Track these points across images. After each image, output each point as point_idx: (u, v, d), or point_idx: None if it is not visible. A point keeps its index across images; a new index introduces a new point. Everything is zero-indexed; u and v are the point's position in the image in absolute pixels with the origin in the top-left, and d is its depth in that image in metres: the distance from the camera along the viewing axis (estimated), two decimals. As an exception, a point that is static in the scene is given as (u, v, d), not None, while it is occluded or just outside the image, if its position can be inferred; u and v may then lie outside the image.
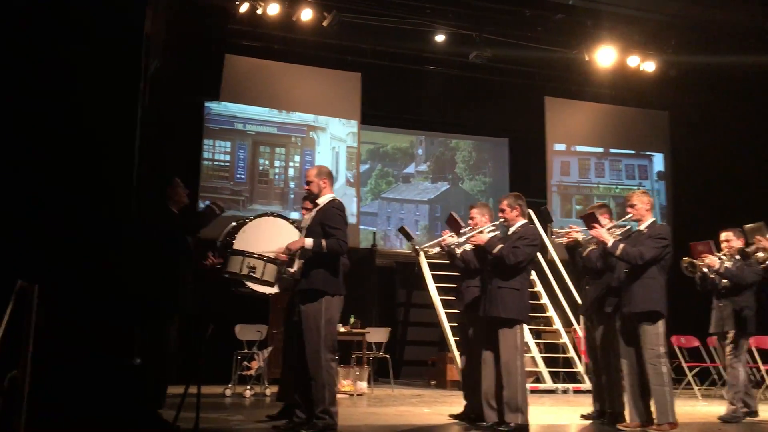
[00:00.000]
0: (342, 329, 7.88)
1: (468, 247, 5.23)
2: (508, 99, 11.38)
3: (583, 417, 5.58)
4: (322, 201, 4.70)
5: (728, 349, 5.82)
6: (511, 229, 5.00)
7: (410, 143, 11.80)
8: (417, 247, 5.60)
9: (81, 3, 4.16)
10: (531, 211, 5.98)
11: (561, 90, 11.50)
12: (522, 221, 5.02)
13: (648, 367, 4.73)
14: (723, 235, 5.88)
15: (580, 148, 11.70)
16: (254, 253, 4.47)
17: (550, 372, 8.75)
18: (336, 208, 4.64)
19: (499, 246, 4.83)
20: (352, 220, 10.30)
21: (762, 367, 7.81)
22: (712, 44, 9.78)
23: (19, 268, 3.35)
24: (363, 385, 7.57)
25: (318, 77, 10.42)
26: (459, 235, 5.15)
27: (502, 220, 5.07)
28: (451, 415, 5.38)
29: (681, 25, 9.86)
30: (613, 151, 11.85)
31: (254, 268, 4.41)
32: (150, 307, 4.41)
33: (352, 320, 8.16)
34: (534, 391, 8.32)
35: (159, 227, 4.78)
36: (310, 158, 10.28)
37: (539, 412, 6.14)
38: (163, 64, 6.58)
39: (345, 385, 7.52)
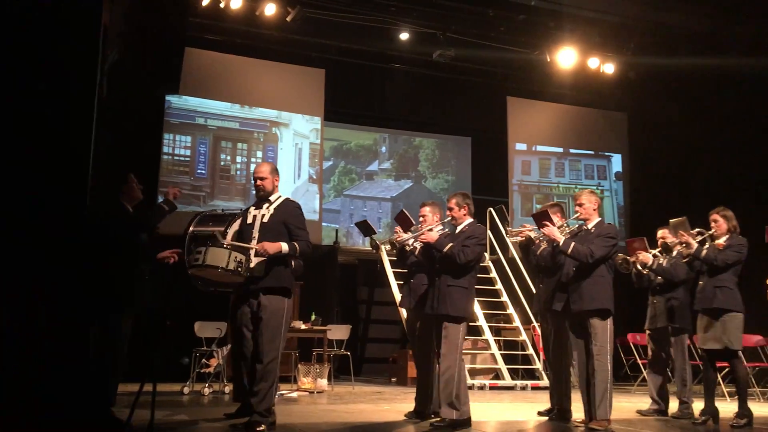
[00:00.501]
0: (303, 326, 7.87)
1: (417, 244, 5.22)
2: (471, 98, 11.47)
3: (540, 414, 5.65)
4: (275, 198, 4.68)
5: (673, 347, 5.96)
6: (458, 228, 5.02)
7: (374, 141, 11.81)
8: (377, 242, 5.60)
9: (35, -8, 4.05)
10: (492, 210, 6.03)
11: (523, 90, 11.63)
12: (469, 220, 5.05)
13: (595, 363, 4.82)
14: (659, 233, 6.02)
15: (540, 148, 11.85)
16: (240, 245, 4.39)
17: (509, 369, 8.84)
18: (297, 207, 4.70)
19: (450, 245, 4.87)
20: (314, 216, 10.27)
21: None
22: (668, 47, 10.00)
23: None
24: (323, 383, 7.55)
25: (281, 73, 10.36)
26: (410, 232, 5.15)
27: (449, 218, 5.07)
28: (407, 414, 5.40)
29: (639, 28, 10.06)
30: (572, 151, 12.02)
31: (241, 262, 4.30)
32: (102, 304, 4.32)
33: (313, 317, 8.13)
34: (493, 387, 8.43)
35: (112, 223, 4.68)
36: (272, 154, 10.20)
37: (498, 408, 6.21)
38: (121, 57, 6.45)
39: (305, 382, 7.49)
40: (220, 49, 9.90)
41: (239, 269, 4.27)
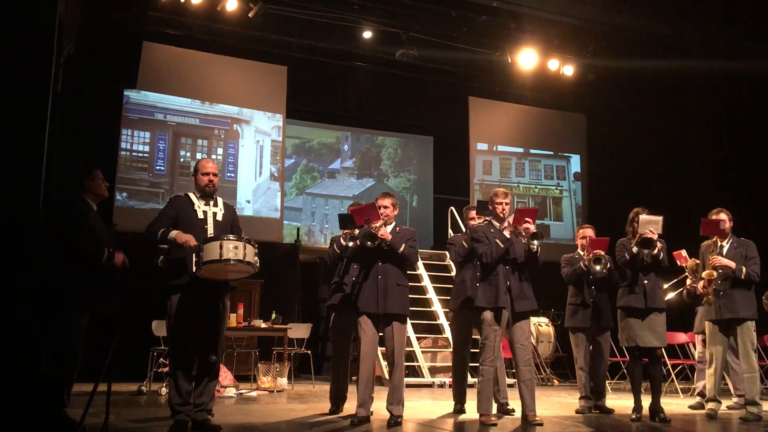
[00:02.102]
0: (263, 325, 7.82)
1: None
2: (434, 98, 11.54)
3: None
4: (221, 198, 4.66)
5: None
6: (389, 228, 5.03)
7: (336, 139, 11.78)
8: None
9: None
10: (453, 209, 6.08)
11: (485, 90, 11.73)
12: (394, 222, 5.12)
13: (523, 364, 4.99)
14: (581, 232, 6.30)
15: (502, 148, 11.97)
16: (229, 236, 4.29)
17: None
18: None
19: (403, 244, 4.91)
20: (275, 214, 10.21)
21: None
22: (625, 50, 10.20)
23: None
24: (283, 382, 7.51)
25: (243, 69, 10.26)
26: (365, 225, 4.96)
27: (385, 217, 5.02)
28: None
29: (597, 30, 10.24)
30: (533, 151, 12.17)
31: (237, 248, 4.20)
32: (53, 304, 4.22)
33: (273, 316, 8.09)
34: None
35: (72, 221, 4.56)
36: (233, 151, 10.10)
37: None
38: (77, 50, 6.32)
39: (265, 381, 7.45)
40: (180, 44, 9.76)
41: (237, 256, 4.17)
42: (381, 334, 5.03)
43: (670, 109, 10.86)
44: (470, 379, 6.17)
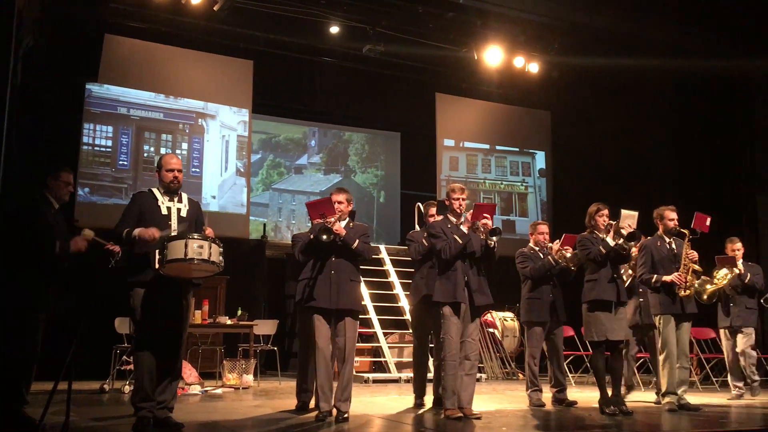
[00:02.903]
0: (229, 322, 7.77)
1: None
2: (401, 94, 11.56)
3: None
4: (185, 194, 4.62)
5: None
6: (343, 223, 5.01)
7: (303, 134, 11.73)
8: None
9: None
10: (420, 204, 6.09)
11: (451, 87, 11.79)
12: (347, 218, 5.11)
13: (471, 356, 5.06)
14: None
15: (468, 144, 12.04)
16: (194, 235, 4.23)
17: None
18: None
19: (357, 240, 4.91)
20: (242, 210, 10.13)
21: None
22: (589, 48, 10.34)
23: None
24: (249, 378, 7.46)
25: (208, 63, 10.14)
26: (320, 219, 4.91)
27: (340, 213, 5.00)
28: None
29: (562, 28, 10.35)
30: (498, 148, 12.27)
31: (202, 247, 4.15)
32: (10, 302, 4.14)
33: (239, 313, 8.03)
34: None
35: (30, 218, 4.46)
36: (198, 146, 9.99)
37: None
38: (37, 42, 6.19)
39: (231, 378, 7.40)
40: (144, 37, 9.60)
41: (201, 256, 4.13)
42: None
43: (631, 107, 11.05)
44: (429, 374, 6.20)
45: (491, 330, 9.57)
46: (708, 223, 6.11)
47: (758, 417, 5.63)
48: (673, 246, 5.86)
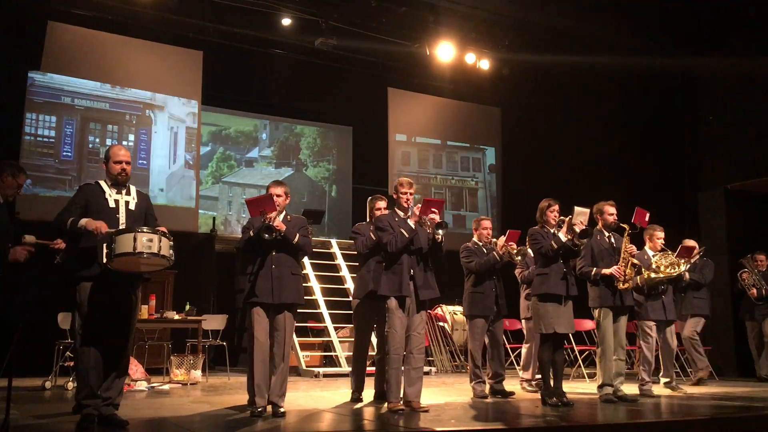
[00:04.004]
0: (176, 317, 7.65)
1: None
2: (353, 88, 11.53)
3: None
4: (133, 186, 4.54)
5: None
6: (281, 216, 5.00)
7: (254, 127, 11.61)
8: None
9: None
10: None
11: (404, 82, 11.83)
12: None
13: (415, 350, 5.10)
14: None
15: (420, 140, 12.12)
16: (143, 228, 4.14)
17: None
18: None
19: (297, 235, 4.90)
20: (190, 204, 9.99)
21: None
22: (539, 45, 10.52)
23: None
24: (197, 374, 7.37)
25: (156, 53, 9.94)
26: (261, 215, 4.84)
27: (278, 206, 4.95)
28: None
29: (512, 25, 10.51)
30: (450, 143, 12.38)
31: (152, 241, 4.06)
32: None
33: (187, 307, 7.92)
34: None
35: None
36: (145, 137, 9.79)
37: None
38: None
39: (178, 374, 7.29)
40: (89, 25, 9.36)
41: (151, 249, 4.04)
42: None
43: (579, 104, 11.29)
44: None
45: (441, 324, 9.67)
46: (647, 218, 6.30)
47: (694, 407, 5.83)
48: (613, 240, 6.02)
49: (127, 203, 4.40)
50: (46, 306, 6.83)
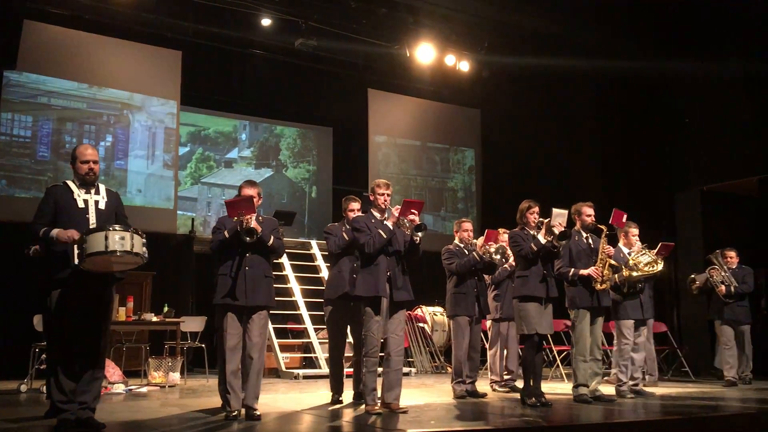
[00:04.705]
0: (154, 319, 7.58)
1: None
2: (334, 88, 11.53)
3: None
4: (102, 185, 4.47)
5: None
6: (253, 218, 4.92)
7: (233, 128, 11.55)
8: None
9: None
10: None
11: (384, 83, 11.84)
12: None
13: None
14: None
15: (400, 141, 12.13)
16: (115, 226, 4.07)
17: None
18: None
19: (272, 237, 4.86)
20: (169, 205, 9.91)
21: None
22: (518, 48, 10.58)
23: None
24: (176, 376, 7.31)
25: (134, 53, 9.85)
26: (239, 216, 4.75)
27: None
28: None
29: (491, 27, 10.56)
30: (430, 145, 12.41)
31: (123, 238, 3.99)
32: None
33: (165, 309, 7.85)
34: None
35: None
36: (123, 137, 9.70)
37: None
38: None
39: (156, 377, 7.23)
40: (66, 24, 9.26)
41: (124, 247, 3.99)
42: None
43: (558, 106, 11.38)
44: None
45: (421, 325, 9.69)
46: (625, 219, 6.35)
47: (670, 406, 5.90)
48: (591, 241, 6.06)
49: (96, 203, 4.34)
50: (23, 306, 6.74)
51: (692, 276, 8.31)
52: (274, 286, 5.03)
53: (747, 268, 8.05)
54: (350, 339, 6.13)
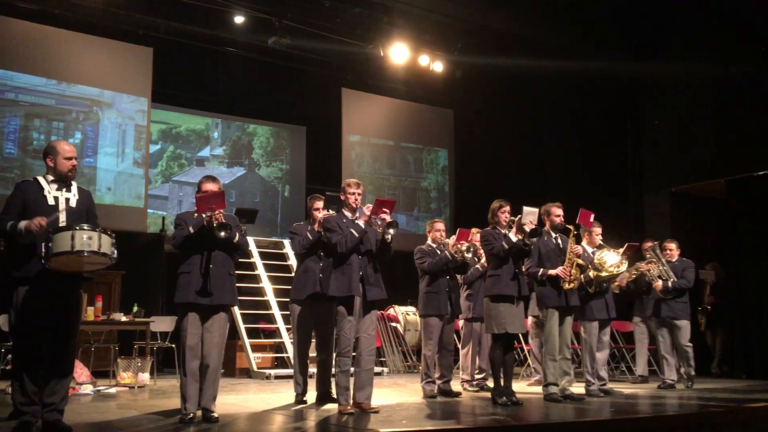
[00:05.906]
0: (124, 318, 7.49)
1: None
2: (307, 87, 11.49)
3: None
4: (75, 183, 4.35)
5: None
6: None
7: (206, 126, 11.45)
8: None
9: None
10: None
11: (358, 83, 11.83)
12: None
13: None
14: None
15: (373, 140, 12.13)
16: (83, 225, 3.96)
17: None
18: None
19: (237, 235, 4.78)
20: (139, 203, 9.79)
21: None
22: (491, 49, 10.65)
23: None
24: (145, 377, 7.23)
25: (104, 49, 9.71)
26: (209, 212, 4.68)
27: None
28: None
29: (464, 28, 10.62)
30: (403, 144, 12.43)
31: (91, 238, 3.89)
32: None
33: (135, 309, 7.76)
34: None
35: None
36: (93, 134, 9.56)
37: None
38: None
39: (125, 377, 7.14)
40: (35, 19, 9.10)
41: (91, 247, 3.89)
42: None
43: (529, 107, 11.50)
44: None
45: (394, 324, 9.70)
46: (592, 219, 6.43)
47: (638, 405, 5.98)
48: (559, 241, 6.13)
49: (67, 200, 4.22)
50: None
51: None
52: (247, 285, 5.00)
53: (688, 261, 7.53)
54: (314, 339, 6.10)
